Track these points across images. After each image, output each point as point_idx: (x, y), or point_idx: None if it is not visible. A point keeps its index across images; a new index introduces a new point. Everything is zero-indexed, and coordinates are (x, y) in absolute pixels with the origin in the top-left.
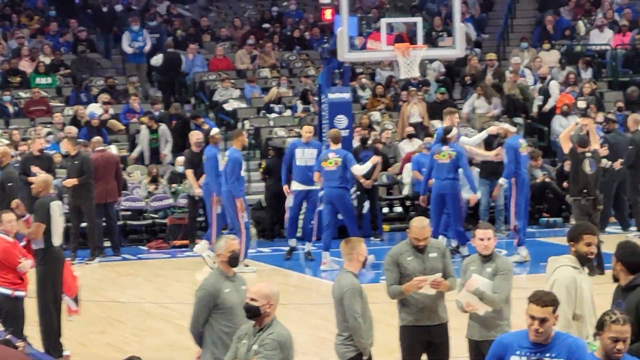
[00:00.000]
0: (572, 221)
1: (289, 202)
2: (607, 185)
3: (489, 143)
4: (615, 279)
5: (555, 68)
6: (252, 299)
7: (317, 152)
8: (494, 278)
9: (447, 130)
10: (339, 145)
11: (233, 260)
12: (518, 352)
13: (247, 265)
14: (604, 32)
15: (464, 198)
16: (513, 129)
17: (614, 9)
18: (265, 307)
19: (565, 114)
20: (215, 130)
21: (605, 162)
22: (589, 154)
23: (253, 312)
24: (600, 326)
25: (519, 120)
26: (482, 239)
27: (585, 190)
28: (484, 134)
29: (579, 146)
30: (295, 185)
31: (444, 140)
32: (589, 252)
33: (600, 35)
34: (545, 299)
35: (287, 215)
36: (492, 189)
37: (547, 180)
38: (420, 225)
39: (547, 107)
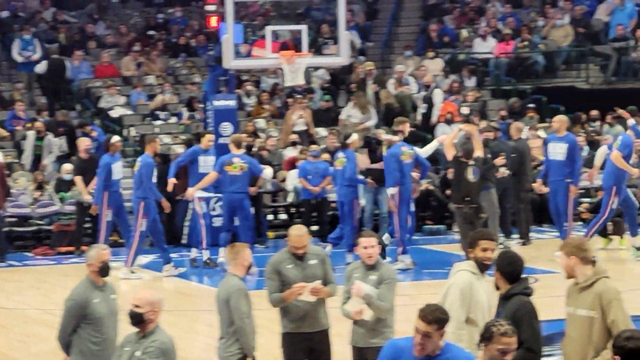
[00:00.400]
0: (455, 228)
1: (202, 208)
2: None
3: (373, 151)
4: (497, 288)
5: (439, 76)
6: (136, 306)
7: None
8: (379, 286)
9: (346, 136)
10: (242, 150)
11: (103, 271)
12: None
13: (133, 272)
14: (488, 41)
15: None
16: (395, 138)
17: (497, 18)
18: (149, 314)
19: (449, 122)
20: (115, 138)
21: (503, 171)
22: (472, 162)
23: (137, 319)
24: (489, 338)
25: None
26: (365, 247)
27: (467, 198)
28: (435, 144)
29: (463, 155)
30: (199, 193)
31: (343, 146)
32: (485, 257)
33: (483, 44)
34: (430, 316)
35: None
36: (376, 197)
37: (431, 187)
38: (298, 233)
39: (431, 115)
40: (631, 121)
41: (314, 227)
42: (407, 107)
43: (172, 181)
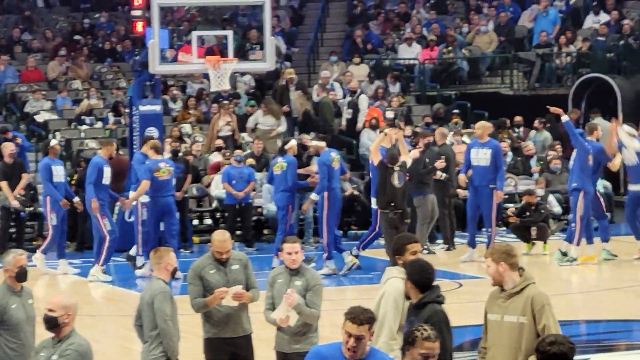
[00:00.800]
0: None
1: (143, 214)
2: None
3: (298, 157)
4: (408, 297)
5: (364, 82)
6: (50, 310)
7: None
8: (306, 293)
9: (285, 142)
10: (167, 155)
11: (21, 276)
12: None
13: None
14: (412, 47)
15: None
16: (322, 144)
17: (422, 24)
18: (64, 317)
19: (374, 128)
20: (54, 142)
21: (439, 174)
22: (397, 168)
23: (51, 323)
24: (412, 342)
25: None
26: (289, 253)
27: (392, 204)
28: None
29: (388, 160)
30: (145, 198)
31: (281, 151)
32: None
33: (408, 50)
34: (361, 317)
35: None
36: (302, 201)
37: (356, 193)
38: (221, 238)
39: (357, 120)
40: (565, 118)
41: (238, 232)
42: (328, 113)
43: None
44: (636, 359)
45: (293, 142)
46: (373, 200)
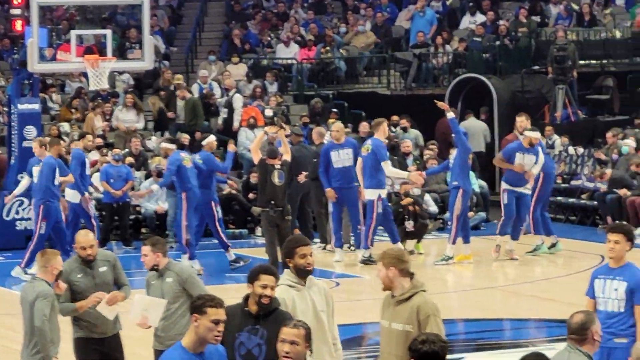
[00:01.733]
0: (258, 232)
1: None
2: (291, 197)
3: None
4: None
5: (242, 81)
6: None
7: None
8: (185, 288)
9: (202, 138)
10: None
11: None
12: None
13: (26, 273)
14: (290, 47)
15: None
16: (171, 146)
17: (300, 24)
18: None
19: (252, 127)
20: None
21: (303, 177)
22: (278, 166)
23: None
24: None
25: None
26: (145, 255)
27: (273, 202)
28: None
29: (268, 157)
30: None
31: (199, 147)
32: (306, 263)
33: (286, 50)
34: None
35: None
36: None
37: (233, 191)
38: (83, 233)
39: (232, 120)
40: (450, 114)
41: (116, 231)
42: (198, 112)
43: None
44: (510, 358)
45: (211, 138)
46: (369, 192)
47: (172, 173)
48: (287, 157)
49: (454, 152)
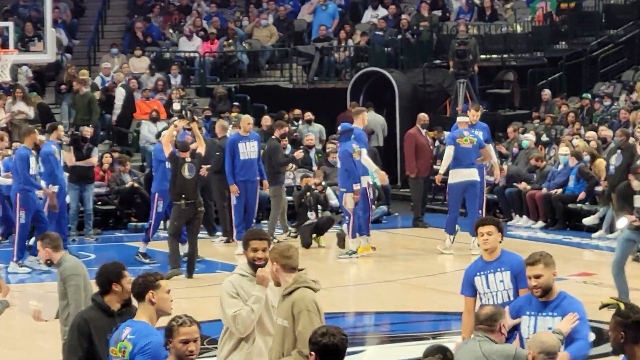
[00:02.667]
0: (161, 225)
1: None
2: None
3: (79, 149)
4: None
5: (144, 74)
6: None
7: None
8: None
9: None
10: None
11: None
12: None
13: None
14: (193, 40)
15: None
16: (42, 137)
17: (202, 17)
18: None
19: (154, 120)
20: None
21: (204, 170)
22: (188, 159)
23: None
24: (169, 333)
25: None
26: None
27: (184, 195)
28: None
29: (179, 151)
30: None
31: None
32: (256, 257)
33: (189, 43)
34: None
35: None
36: (82, 193)
37: (136, 185)
38: None
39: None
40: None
41: None
42: (94, 108)
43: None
44: (410, 350)
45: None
46: (365, 179)
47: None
48: (201, 150)
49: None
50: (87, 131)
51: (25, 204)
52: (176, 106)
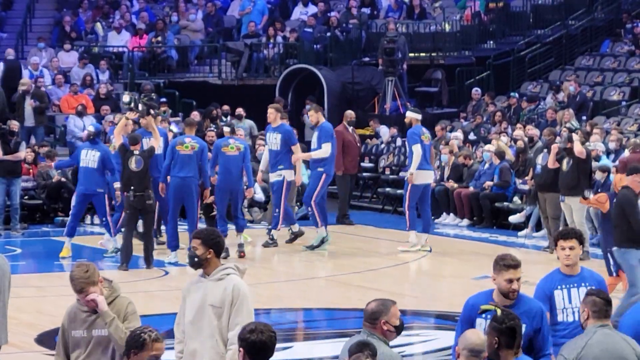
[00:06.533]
0: (87, 220)
1: None
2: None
3: (7, 142)
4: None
5: (75, 67)
6: None
7: None
8: None
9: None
10: None
11: None
12: None
13: None
14: (122, 34)
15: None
16: None
17: (131, 12)
18: None
19: (80, 114)
20: None
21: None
22: (137, 152)
23: None
24: (140, 346)
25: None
26: None
27: (132, 187)
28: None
29: (130, 144)
30: None
31: None
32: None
33: (117, 37)
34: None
35: None
36: (9, 187)
37: (63, 179)
38: None
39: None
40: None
41: None
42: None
43: None
44: (337, 347)
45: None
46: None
47: None
48: (155, 144)
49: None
50: (15, 125)
51: None
52: (125, 98)
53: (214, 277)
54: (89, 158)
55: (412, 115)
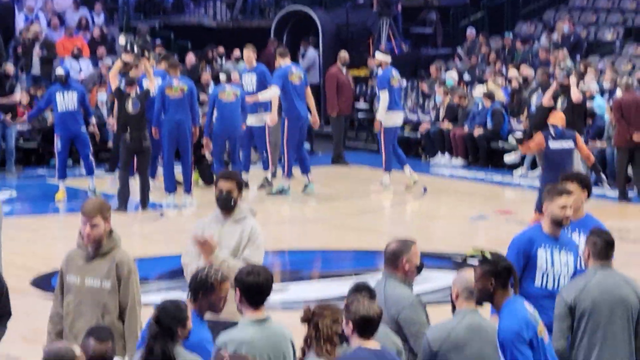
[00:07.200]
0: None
1: None
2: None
3: (1, 85)
4: None
5: (69, 9)
6: None
7: None
8: None
9: None
10: None
11: None
12: None
13: None
14: None
15: None
16: None
17: None
18: None
19: (77, 57)
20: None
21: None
22: (133, 94)
23: None
24: (211, 288)
25: None
26: None
27: (129, 128)
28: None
29: (126, 85)
30: None
31: None
32: (217, 195)
33: None
34: None
35: None
36: (4, 130)
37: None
38: None
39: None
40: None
41: None
42: None
43: None
44: (332, 287)
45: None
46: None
47: None
48: (151, 86)
49: None
50: (9, 67)
51: None
52: (121, 40)
53: (232, 219)
54: (67, 101)
55: (381, 58)
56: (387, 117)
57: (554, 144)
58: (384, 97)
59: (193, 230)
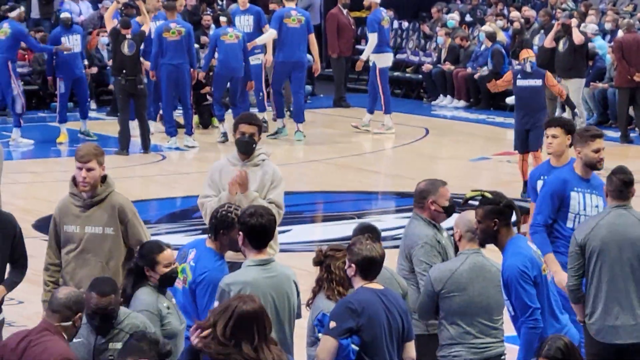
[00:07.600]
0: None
1: None
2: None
3: None
4: None
5: None
6: None
7: None
8: None
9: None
10: None
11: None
12: None
13: None
14: None
15: None
16: None
17: None
18: None
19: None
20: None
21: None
22: (129, 36)
23: None
24: (231, 224)
25: None
26: None
27: (124, 70)
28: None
29: (121, 27)
30: None
31: None
32: (237, 138)
33: None
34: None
35: None
36: None
37: None
38: None
39: None
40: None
41: None
42: None
43: None
44: (335, 229)
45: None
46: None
47: None
48: (146, 28)
49: None
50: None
51: None
52: None
53: (251, 162)
54: (71, 44)
55: None
56: (381, 59)
57: (522, 82)
58: (372, 38)
59: (209, 173)
